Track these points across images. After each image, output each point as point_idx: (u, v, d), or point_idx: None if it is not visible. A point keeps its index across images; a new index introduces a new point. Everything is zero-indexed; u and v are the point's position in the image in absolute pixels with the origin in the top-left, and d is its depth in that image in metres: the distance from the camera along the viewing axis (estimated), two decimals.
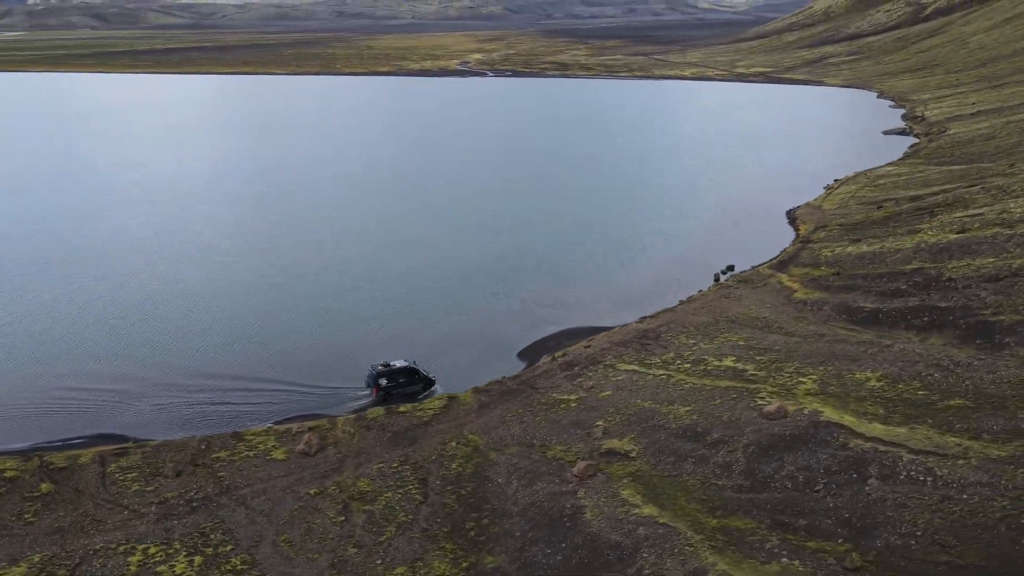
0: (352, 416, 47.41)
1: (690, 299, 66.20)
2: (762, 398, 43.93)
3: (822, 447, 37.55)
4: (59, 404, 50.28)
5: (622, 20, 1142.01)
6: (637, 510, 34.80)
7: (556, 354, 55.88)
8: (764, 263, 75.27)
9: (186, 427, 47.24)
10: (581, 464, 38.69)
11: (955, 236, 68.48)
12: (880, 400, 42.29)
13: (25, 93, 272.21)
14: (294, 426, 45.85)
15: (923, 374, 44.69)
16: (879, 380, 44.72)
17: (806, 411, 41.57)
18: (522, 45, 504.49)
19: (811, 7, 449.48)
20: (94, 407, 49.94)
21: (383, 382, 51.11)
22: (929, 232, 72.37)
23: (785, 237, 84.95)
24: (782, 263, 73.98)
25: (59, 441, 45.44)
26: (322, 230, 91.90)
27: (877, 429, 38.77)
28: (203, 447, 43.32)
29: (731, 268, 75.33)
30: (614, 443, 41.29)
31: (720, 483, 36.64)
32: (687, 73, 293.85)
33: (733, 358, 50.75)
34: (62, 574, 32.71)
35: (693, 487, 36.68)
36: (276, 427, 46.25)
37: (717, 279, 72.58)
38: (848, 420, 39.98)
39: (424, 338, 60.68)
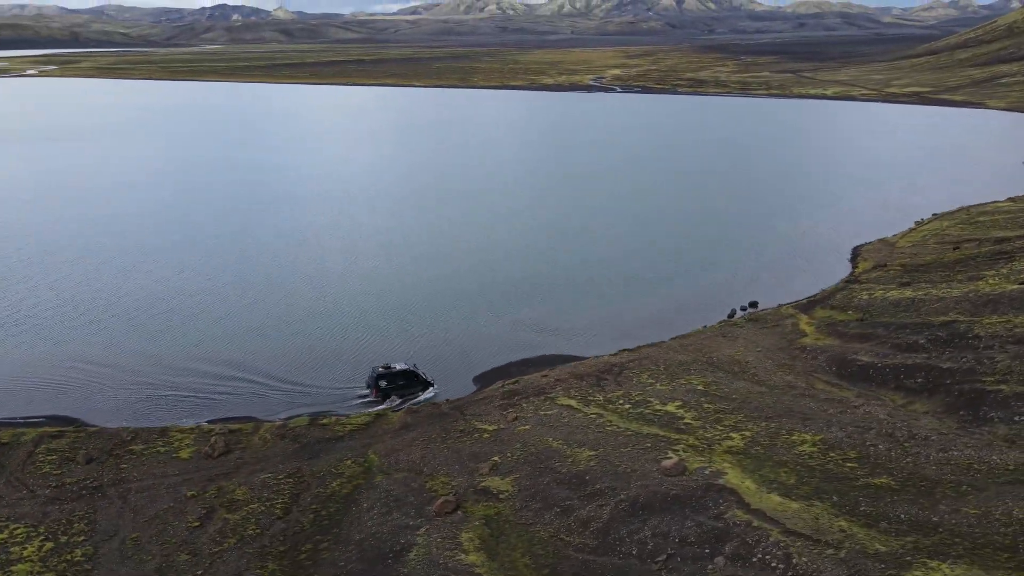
0: (277, 423, 48.32)
1: (685, 335, 61.80)
2: (674, 451, 40.20)
3: (696, 513, 33.78)
4: (61, 385, 55.11)
5: (789, 35, 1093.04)
6: (463, 557, 32.92)
7: (508, 381, 54.06)
8: (793, 302, 68.92)
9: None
10: (439, 500, 37.15)
11: (1014, 287, 59.50)
12: (799, 468, 37.38)
13: (186, 101, 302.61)
14: (217, 427, 47.43)
15: (867, 443, 39.02)
16: (814, 445, 39.55)
17: (708, 471, 37.61)
18: (668, 61, 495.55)
19: (995, 22, 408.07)
20: (88, 391, 54.21)
21: (383, 383, 52.71)
22: (991, 280, 63.43)
23: (837, 275, 77.40)
24: (811, 303, 67.44)
25: (24, 418, 49.80)
26: (368, 238, 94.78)
27: (770, 501, 34.32)
28: (129, 438, 45.82)
29: (754, 304, 69.66)
30: (495, 481, 39.31)
31: (568, 539, 33.88)
32: (829, 92, 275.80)
33: (679, 404, 46.80)
34: None
35: (540, 539, 34.16)
36: (204, 426, 48.06)
37: (732, 315, 67.35)
38: (746, 487, 35.73)
39: (432, 345, 61.85)
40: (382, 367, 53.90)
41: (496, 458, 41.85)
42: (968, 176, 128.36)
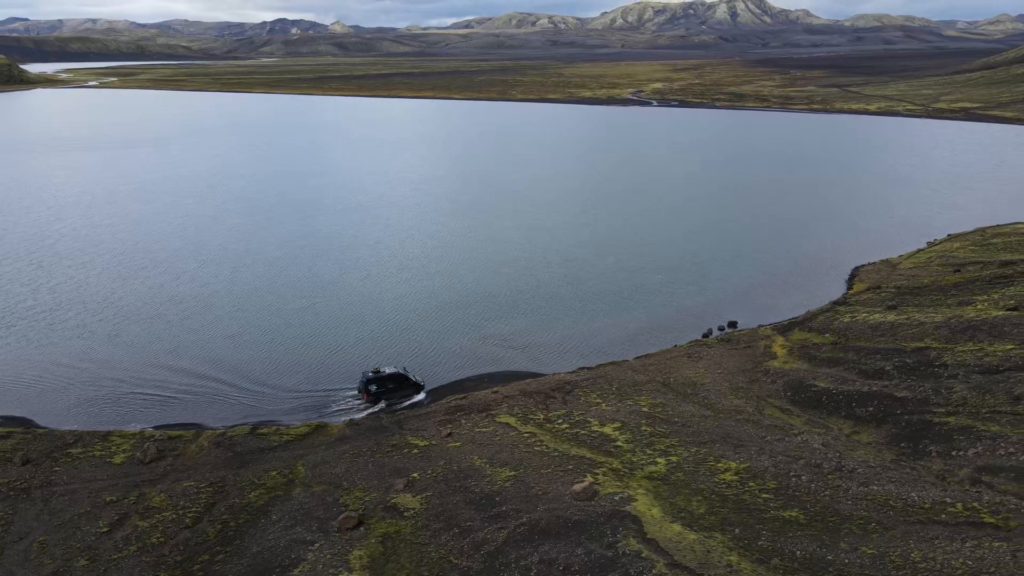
0: (217, 431, 48.71)
1: (650, 354, 60.35)
2: (594, 474, 39.13)
3: (590, 541, 32.71)
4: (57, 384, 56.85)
5: (844, 49, 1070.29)
6: (345, 575, 32.46)
7: (457, 396, 53.53)
8: (774, 322, 66.77)
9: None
10: (342, 516, 36.78)
11: (1002, 313, 56.54)
12: (713, 497, 35.93)
13: (226, 110, 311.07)
14: (157, 433, 48.03)
15: (791, 474, 37.29)
16: (736, 474, 37.99)
17: (618, 497, 36.52)
18: (714, 75, 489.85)
19: None
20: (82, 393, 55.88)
21: (373, 388, 53.87)
22: (979, 305, 60.43)
23: (830, 295, 74.79)
24: (792, 324, 65.21)
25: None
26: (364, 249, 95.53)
27: (670, 531, 33.05)
28: (71, 441, 46.77)
29: (733, 324, 67.73)
30: (406, 498, 38.79)
31: (456, 561, 33.12)
32: (872, 107, 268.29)
33: (617, 425, 45.62)
34: None
35: (429, 560, 33.49)
36: (147, 431, 48.75)
37: (708, 334, 65.54)
38: (651, 515, 34.55)
39: (399, 358, 61.55)
40: (372, 371, 54.96)
41: (415, 474, 41.36)
42: (997, 196, 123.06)
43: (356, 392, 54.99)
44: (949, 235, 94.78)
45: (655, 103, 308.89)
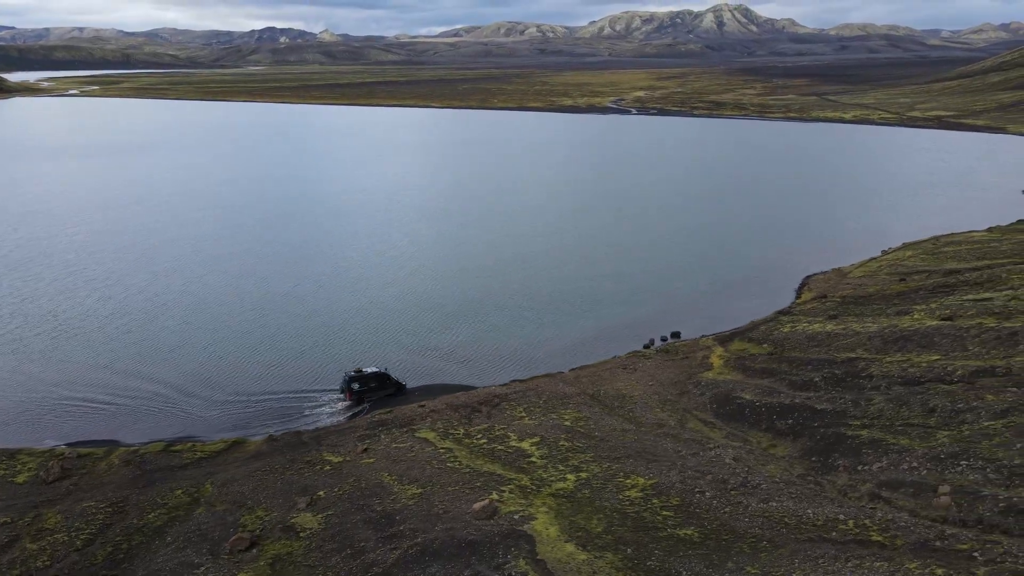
0: (130, 448, 47.63)
1: (586, 366, 59.69)
2: (500, 492, 38.33)
3: (480, 562, 31.88)
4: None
5: (828, 58, 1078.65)
6: None
7: (382, 410, 52.65)
8: (717, 332, 66.26)
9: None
10: (235, 537, 35.80)
11: (935, 323, 56.23)
12: (615, 515, 35.19)
13: (201, 119, 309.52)
14: (68, 450, 46.89)
15: (695, 490, 36.61)
16: (642, 490, 37.29)
17: (518, 515, 35.70)
18: (696, 83, 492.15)
19: None
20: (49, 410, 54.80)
21: (355, 387, 54.76)
22: (916, 315, 60.13)
23: (778, 304, 74.36)
24: (734, 334, 64.70)
25: None
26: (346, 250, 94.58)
27: (562, 551, 32.27)
28: None
29: (676, 334, 67.18)
30: (306, 517, 37.85)
31: None
32: (848, 116, 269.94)
33: (536, 440, 44.84)
34: None
35: None
36: (58, 449, 47.58)
37: (649, 344, 64.97)
38: (548, 534, 33.76)
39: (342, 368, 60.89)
40: (354, 371, 55.87)
41: (321, 492, 40.43)
42: (956, 204, 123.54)
43: (339, 391, 56.15)
44: (904, 243, 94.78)
45: (634, 111, 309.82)
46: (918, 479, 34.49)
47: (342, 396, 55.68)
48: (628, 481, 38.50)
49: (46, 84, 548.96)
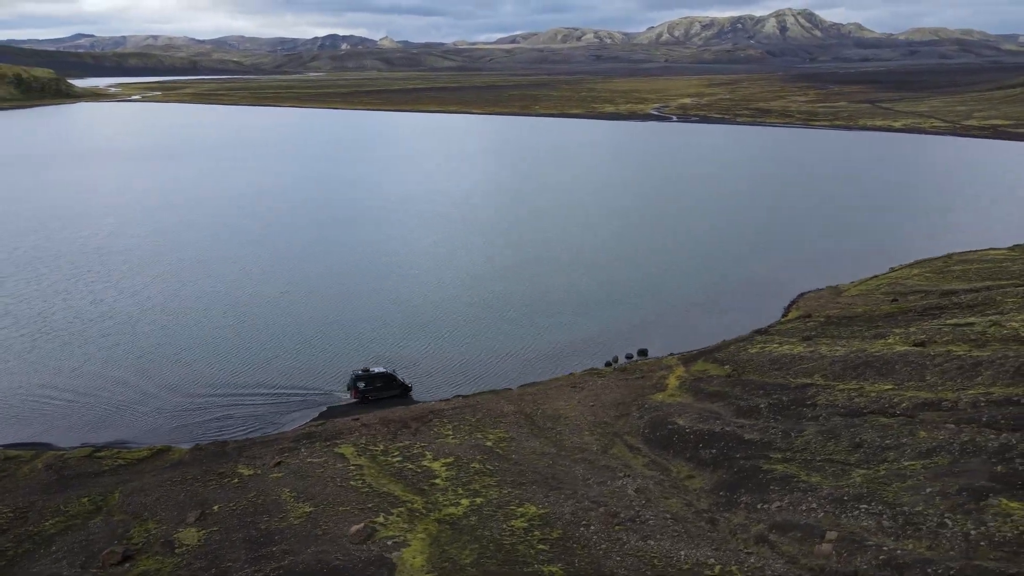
0: (58, 452, 48.07)
1: (534, 383, 58.02)
2: (388, 515, 37.11)
3: None
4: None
5: (894, 63, 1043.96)
6: None
7: (316, 422, 52.03)
8: (685, 351, 63.63)
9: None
10: (107, 551, 35.42)
11: (903, 348, 52.76)
12: (491, 546, 33.57)
13: (247, 124, 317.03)
14: None
15: (581, 523, 34.69)
16: (530, 520, 35.55)
17: (391, 542, 34.45)
18: (747, 90, 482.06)
19: None
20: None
21: (361, 385, 55.90)
22: (890, 339, 56.53)
23: (760, 322, 71.18)
24: (701, 354, 62.03)
25: None
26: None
27: None
28: None
29: (643, 352, 64.94)
30: (189, 532, 37.29)
31: None
32: (897, 124, 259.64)
33: (449, 461, 43.46)
34: None
35: None
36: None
37: (611, 362, 62.79)
38: (413, 563, 32.47)
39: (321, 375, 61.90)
40: (361, 370, 56.98)
41: (216, 507, 39.84)
42: (989, 219, 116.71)
43: (346, 389, 57.20)
44: (916, 261, 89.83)
45: (675, 118, 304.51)
46: (812, 522, 31.86)
47: (348, 394, 56.75)
48: (519, 509, 36.78)
49: (113, 90, 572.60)
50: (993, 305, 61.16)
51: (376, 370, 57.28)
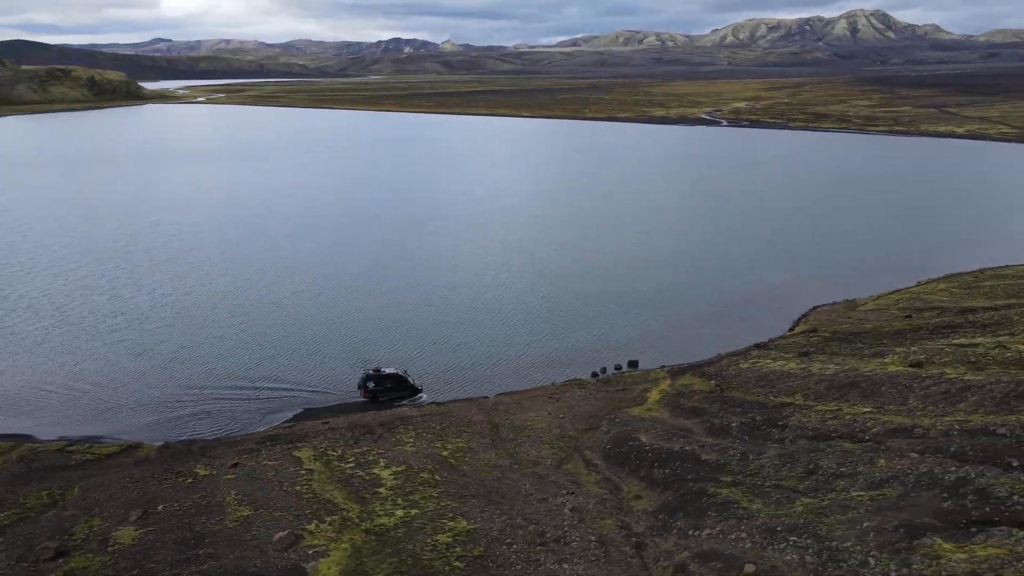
0: (35, 445, 49.34)
1: (514, 391, 56.97)
2: (321, 522, 36.74)
3: None
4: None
5: (971, 66, 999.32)
6: None
7: (285, 422, 52.14)
8: (676, 364, 61.58)
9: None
10: (40, 547, 35.93)
11: (898, 369, 49.87)
12: (408, 560, 32.85)
13: (295, 125, 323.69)
14: None
15: (506, 541, 33.62)
16: (456, 535, 34.67)
17: (312, 551, 34.12)
18: (808, 94, 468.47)
19: None
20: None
21: (371, 385, 57.11)
22: (889, 358, 53.54)
23: (767, 334, 68.42)
24: (691, 367, 59.87)
25: None
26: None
27: None
28: None
29: (634, 364, 63.08)
30: (128, 531, 37.62)
31: None
32: (961, 130, 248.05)
33: (400, 469, 42.89)
34: None
35: None
36: None
37: (597, 373, 61.23)
38: (330, 574, 31.98)
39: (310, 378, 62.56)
40: (372, 370, 58.03)
41: (161, 507, 40.13)
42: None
43: (357, 387, 58.16)
44: (947, 274, 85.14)
45: (725, 123, 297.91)
46: (736, 552, 30.03)
47: (358, 393, 57.42)
48: (450, 524, 35.88)
49: (180, 92, 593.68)
50: (1007, 325, 57.26)
51: (387, 371, 58.07)
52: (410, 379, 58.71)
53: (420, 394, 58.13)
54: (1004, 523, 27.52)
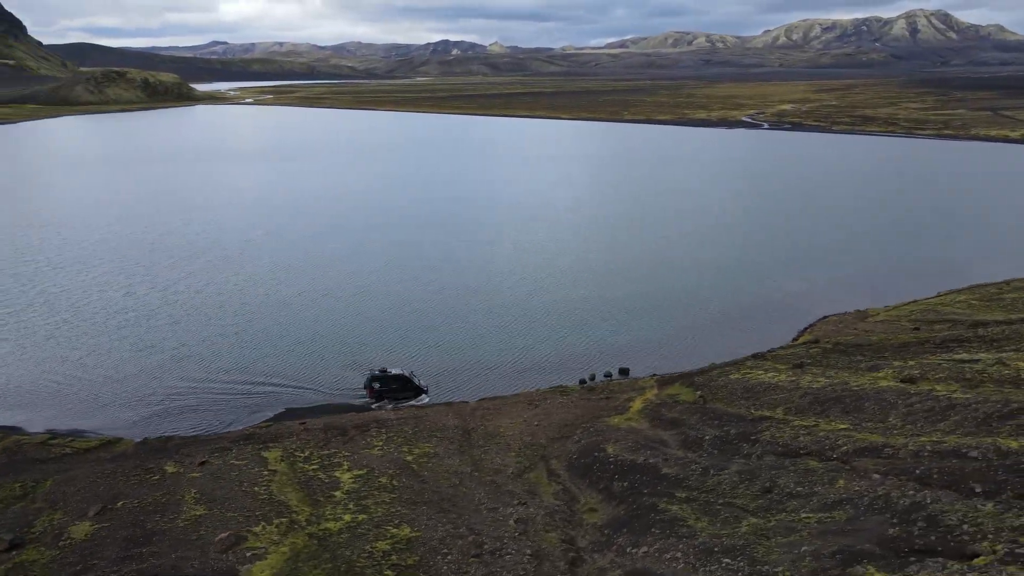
0: (20, 437, 50.52)
1: (496, 397, 56.28)
2: (270, 523, 36.72)
3: None
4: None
5: None
6: None
7: (264, 423, 52.38)
8: (666, 373, 60.15)
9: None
10: None
11: (888, 384, 47.80)
12: (342, 566, 32.59)
13: (328, 125, 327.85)
14: None
15: (442, 551, 33.05)
16: (396, 543, 34.26)
17: (251, 554, 34.16)
18: (858, 96, 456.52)
19: None
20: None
21: (376, 385, 57.90)
22: (882, 372, 51.36)
23: (769, 344, 66.46)
24: (679, 377, 58.35)
25: None
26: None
27: None
28: None
29: (624, 371, 61.85)
30: (83, 526, 38.10)
31: None
32: (1015, 134, 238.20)
33: (360, 473, 42.66)
34: None
35: None
36: None
37: (585, 380, 60.16)
38: None
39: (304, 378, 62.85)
40: (378, 371, 58.91)
41: (120, 503, 40.62)
42: None
43: (363, 388, 58.82)
44: (971, 285, 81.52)
45: (766, 126, 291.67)
46: (668, 573, 28.87)
47: (364, 392, 58.06)
48: (393, 531, 35.45)
49: (231, 93, 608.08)
50: (1015, 341, 54.36)
51: (393, 371, 58.66)
52: (415, 380, 58.99)
53: (424, 395, 58.27)
54: (944, 554, 25.84)
